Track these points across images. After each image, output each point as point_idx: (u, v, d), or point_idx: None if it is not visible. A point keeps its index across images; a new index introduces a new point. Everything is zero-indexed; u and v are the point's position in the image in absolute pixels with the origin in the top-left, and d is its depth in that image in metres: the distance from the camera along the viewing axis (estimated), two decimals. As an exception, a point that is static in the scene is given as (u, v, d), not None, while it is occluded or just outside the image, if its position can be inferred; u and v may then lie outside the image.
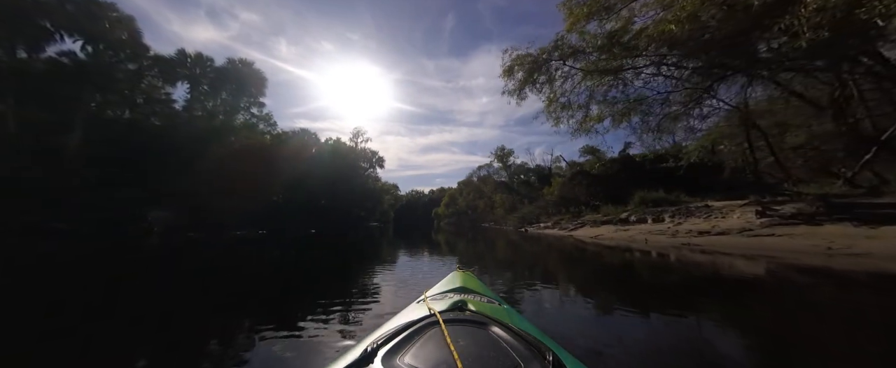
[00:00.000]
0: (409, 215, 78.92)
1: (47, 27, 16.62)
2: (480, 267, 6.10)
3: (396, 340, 0.92)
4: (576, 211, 15.59)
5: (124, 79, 20.51)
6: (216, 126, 23.59)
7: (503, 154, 40.22)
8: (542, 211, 18.26)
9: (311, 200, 34.02)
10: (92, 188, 15.68)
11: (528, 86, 9.30)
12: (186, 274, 5.94)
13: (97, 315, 3.21)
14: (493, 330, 1.00)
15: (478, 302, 1.51)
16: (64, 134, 16.62)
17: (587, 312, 3.12)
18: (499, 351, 0.87)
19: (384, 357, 0.84)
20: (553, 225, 15.17)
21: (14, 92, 15.72)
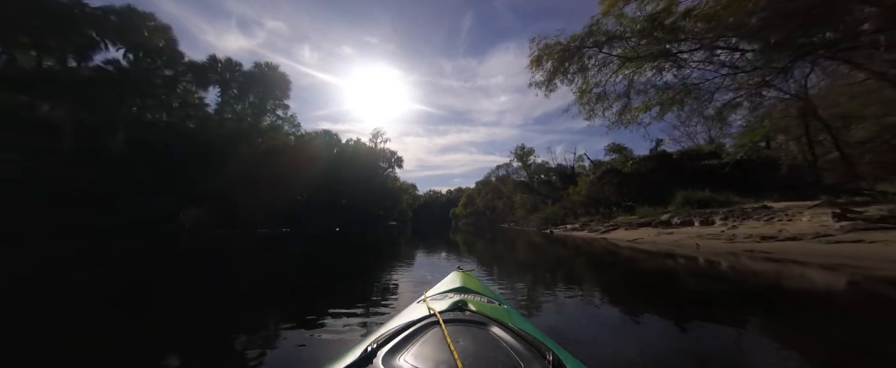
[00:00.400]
0: (426, 215, 79.14)
1: (94, 37, 17.85)
2: (499, 270, 5.75)
3: (397, 340, 0.92)
4: (606, 212, 14.58)
5: (161, 84, 21.75)
6: (244, 128, 24.53)
7: (523, 153, 39.18)
8: (567, 212, 17.29)
9: (332, 199, 34.77)
10: (130, 187, 16.64)
11: (559, 76, 8.65)
12: (216, 269, 6.13)
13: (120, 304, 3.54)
14: (493, 330, 1.00)
15: (478, 302, 1.50)
16: (108, 136, 17.81)
17: (620, 324, 2.77)
18: (499, 351, 0.87)
19: (384, 357, 0.83)
20: (581, 226, 14.30)
21: (67, 98, 17.01)
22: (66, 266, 6.34)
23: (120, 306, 3.53)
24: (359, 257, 8.15)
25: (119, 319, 2.99)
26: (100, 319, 3.00)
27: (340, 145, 38.19)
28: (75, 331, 2.62)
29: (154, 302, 3.71)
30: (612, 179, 15.86)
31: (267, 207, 25.48)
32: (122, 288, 4.50)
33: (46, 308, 3.28)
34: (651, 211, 11.95)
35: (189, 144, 21.01)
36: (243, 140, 24.07)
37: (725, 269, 5.28)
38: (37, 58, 16.65)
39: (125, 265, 6.53)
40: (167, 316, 3.09)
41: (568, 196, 22.03)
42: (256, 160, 24.95)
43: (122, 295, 4.09)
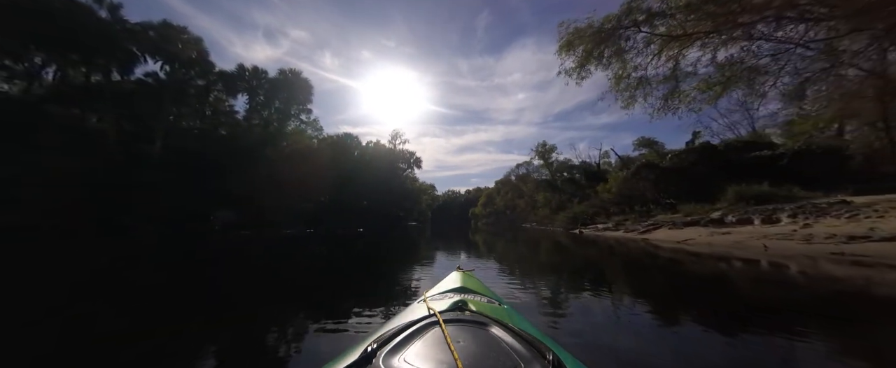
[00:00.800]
0: (445, 215, 78.99)
1: (135, 51, 19.09)
2: (523, 272, 5.21)
3: (397, 340, 0.92)
4: (642, 210, 13.44)
5: (195, 93, 22.99)
6: (271, 132, 25.41)
7: (545, 150, 37.88)
8: (597, 211, 16.17)
9: (353, 200, 35.35)
10: (167, 190, 17.57)
11: (593, 61, 7.80)
12: (242, 267, 6.22)
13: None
14: (493, 330, 0.99)
15: (478, 302, 1.51)
16: (147, 143, 18.98)
17: (657, 332, 2.44)
18: (499, 351, 0.87)
19: (384, 358, 0.83)
20: (615, 226, 13.26)
21: (112, 109, 18.31)
22: (120, 261, 6.83)
23: (134, 302, 3.63)
24: (378, 257, 7.92)
25: (131, 316, 3.07)
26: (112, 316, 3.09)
27: (360, 147, 38.81)
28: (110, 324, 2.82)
29: (172, 299, 3.76)
30: (647, 175, 14.46)
31: (291, 208, 26.21)
32: (138, 287, 4.50)
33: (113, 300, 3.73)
34: (698, 209, 10.80)
35: (220, 149, 22.01)
36: (269, 144, 24.92)
37: (794, 274, 4.49)
38: (86, 73, 18.03)
39: (155, 264, 6.71)
40: (182, 314, 3.14)
41: (596, 194, 20.76)
42: (282, 163, 25.75)
43: (132, 293, 4.12)
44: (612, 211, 14.44)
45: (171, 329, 2.63)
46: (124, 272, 5.72)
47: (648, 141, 32.11)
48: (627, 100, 8.11)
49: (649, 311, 3.00)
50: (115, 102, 18.53)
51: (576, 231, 15.85)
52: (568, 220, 18.14)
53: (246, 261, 7.05)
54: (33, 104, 15.75)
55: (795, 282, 4.14)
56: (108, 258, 7.37)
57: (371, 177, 36.57)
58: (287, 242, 11.80)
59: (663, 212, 12.33)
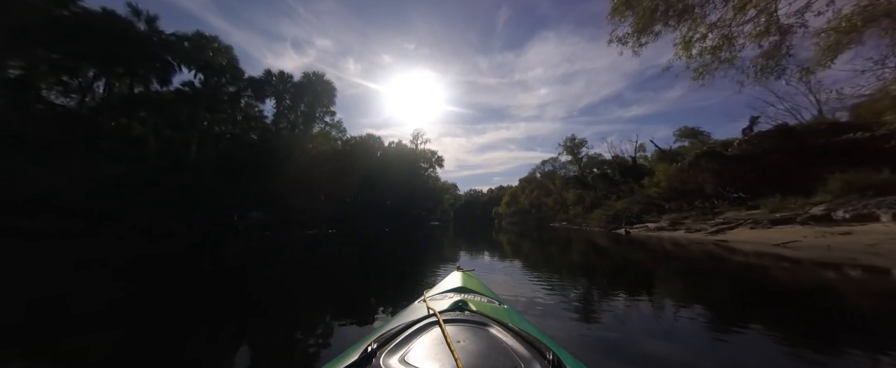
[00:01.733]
0: (468, 214, 78.23)
1: (171, 61, 20.25)
2: (567, 291, 3.85)
3: (397, 340, 0.92)
4: (705, 206, 11.74)
5: (227, 100, 24.11)
6: (297, 135, 26.11)
7: (574, 144, 35.86)
8: (644, 208, 14.46)
9: (377, 201, 35.69)
10: (202, 193, 18.42)
11: (659, 23, 6.35)
12: (261, 269, 6.07)
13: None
14: (493, 330, 0.99)
15: (478, 301, 1.50)
16: (184, 149, 20.07)
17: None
18: (499, 351, 0.87)
19: (384, 357, 0.83)
20: (671, 225, 11.60)
21: (152, 117, 19.55)
22: (153, 258, 7.06)
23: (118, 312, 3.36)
24: (400, 259, 7.41)
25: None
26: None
27: (383, 148, 39.10)
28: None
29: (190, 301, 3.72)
30: (708, 165, 12.50)
31: (317, 209, 26.79)
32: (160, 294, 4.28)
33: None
34: (787, 204, 8.93)
35: (250, 153, 22.90)
36: (296, 147, 25.61)
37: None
38: (129, 84, 19.36)
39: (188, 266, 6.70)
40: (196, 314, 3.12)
41: (640, 189, 18.74)
42: (307, 165, 26.39)
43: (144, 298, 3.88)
44: (668, 207, 12.60)
45: (183, 326, 2.71)
46: (136, 279, 5.64)
47: (692, 130, 29.16)
48: (701, 69, 6.51)
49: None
50: (155, 111, 19.79)
51: (620, 231, 14.05)
52: (608, 219, 16.51)
53: (265, 263, 6.85)
54: (87, 116, 17.14)
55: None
56: (137, 256, 7.59)
57: (394, 178, 36.72)
58: (311, 243, 11.73)
59: (733, 208, 10.54)
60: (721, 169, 11.80)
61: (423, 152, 43.17)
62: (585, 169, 36.65)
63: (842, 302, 3.34)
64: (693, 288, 4.10)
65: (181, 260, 6.96)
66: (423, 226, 34.35)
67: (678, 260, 6.19)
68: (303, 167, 26.14)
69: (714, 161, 12.18)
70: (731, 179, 11.28)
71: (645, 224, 13.11)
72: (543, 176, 51.00)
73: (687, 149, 26.17)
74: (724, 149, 12.73)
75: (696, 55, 6.42)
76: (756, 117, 16.36)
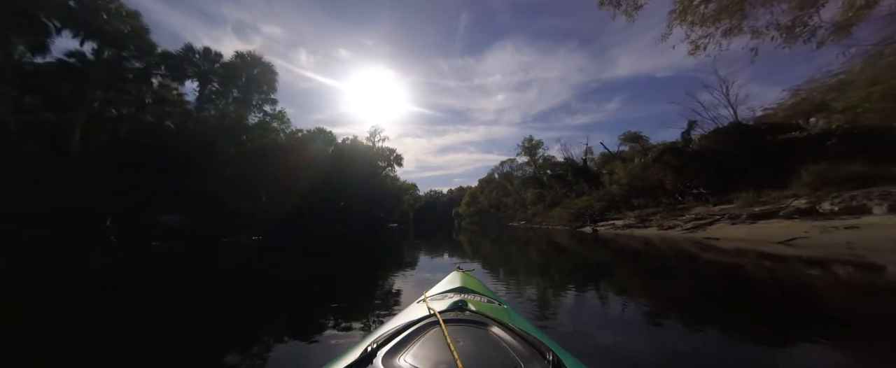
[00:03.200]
0: (428, 215, 77.02)
1: (45, 22, 15.59)
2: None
3: (396, 340, 0.92)
4: (670, 202, 11.88)
5: (132, 78, 19.53)
6: (227, 125, 22.27)
7: (531, 145, 36.87)
8: (606, 205, 14.55)
9: (330, 202, 32.57)
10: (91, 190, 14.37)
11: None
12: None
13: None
14: (493, 330, 0.99)
15: (478, 301, 1.50)
16: (67, 134, 15.56)
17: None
18: (499, 351, 0.87)
19: (384, 357, 0.83)
20: (640, 221, 11.39)
21: (15, 93, 14.78)
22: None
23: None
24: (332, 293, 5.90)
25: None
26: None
27: (336, 144, 35.98)
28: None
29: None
30: (671, 160, 12.87)
31: (260, 211, 23.31)
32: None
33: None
34: (762, 198, 8.82)
35: (163, 144, 18.77)
36: (227, 138, 21.83)
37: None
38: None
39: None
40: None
41: (600, 186, 19.05)
42: (242, 160, 22.72)
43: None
44: (637, 203, 12.58)
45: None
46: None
47: (634, 135, 31.78)
48: (700, 41, 5.95)
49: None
50: (20, 86, 15.01)
51: (586, 229, 13.34)
52: (570, 217, 16.44)
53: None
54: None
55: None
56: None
57: (349, 177, 33.93)
58: (197, 262, 7.91)
59: (698, 204, 10.68)
60: (681, 165, 12.31)
61: (381, 150, 40.85)
62: (541, 169, 38.00)
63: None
64: (726, 308, 3.08)
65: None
66: (380, 229, 32.25)
67: (673, 264, 5.47)
68: (235, 162, 22.43)
69: (675, 157, 12.67)
70: (691, 175, 11.78)
71: (610, 221, 12.96)
72: (502, 176, 52.15)
73: (629, 154, 28.47)
74: (686, 146, 13.32)
75: (700, 23, 5.95)
76: (693, 122, 17.96)
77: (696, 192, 11.33)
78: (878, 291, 3.47)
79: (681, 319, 2.65)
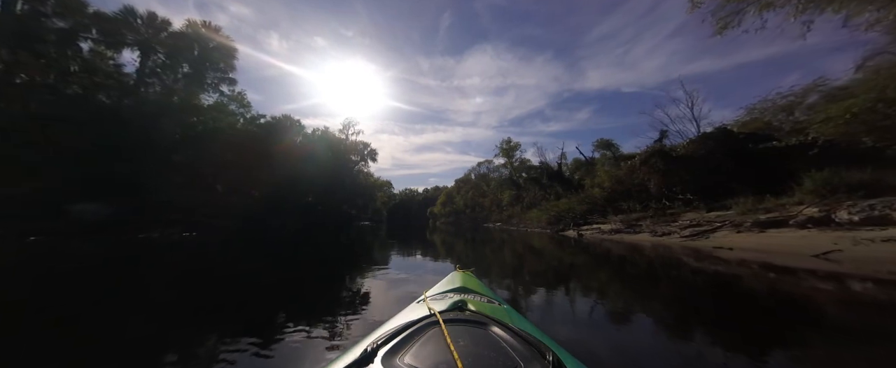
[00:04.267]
0: (402, 214, 75.33)
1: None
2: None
3: (396, 340, 0.91)
4: (659, 207, 11.42)
5: (54, 40, 16.40)
6: (174, 104, 19.53)
7: (509, 147, 36.78)
8: (588, 209, 14.15)
9: (296, 195, 30.18)
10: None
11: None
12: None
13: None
14: (493, 330, 0.99)
15: (478, 301, 1.49)
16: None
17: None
18: (499, 351, 0.87)
19: (384, 357, 0.83)
20: (627, 226, 10.83)
21: None
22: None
23: None
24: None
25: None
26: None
27: (305, 134, 33.54)
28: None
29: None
30: (657, 165, 12.54)
31: (212, 203, 20.79)
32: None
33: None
34: (769, 204, 8.31)
35: (90, 119, 15.93)
36: (172, 118, 19.13)
37: None
38: None
39: None
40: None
41: (578, 190, 18.76)
42: (190, 144, 20.10)
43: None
44: (627, 207, 12.19)
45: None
46: None
47: (607, 142, 32.74)
48: (723, 22, 5.62)
49: None
50: None
51: (569, 233, 12.57)
52: (551, 220, 15.91)
53: None
54: None
55: None
56: None
57: (318, 169, 31.70)
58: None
59: (686, 210, 10.41)
60: (668, 169, 12.22)
61: (354, 143, 38.80)
62: (517, 172, 38.12)
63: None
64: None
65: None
66: (352, 226, 30.42)
67: (700, 281, 4.36)
68: (182, 146, 19.81)
69: (663, 160, 12.55)
70: (677, 180, 11.69)
71: (594, 226, 12.47)
72: (478, 177, 51.99)
73: (599, 161, 29.20)
74: (672, 151, 13.22)
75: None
76: (665, 131, 18.47)
77: (683, 198, 11.22)
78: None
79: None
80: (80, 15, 17.08)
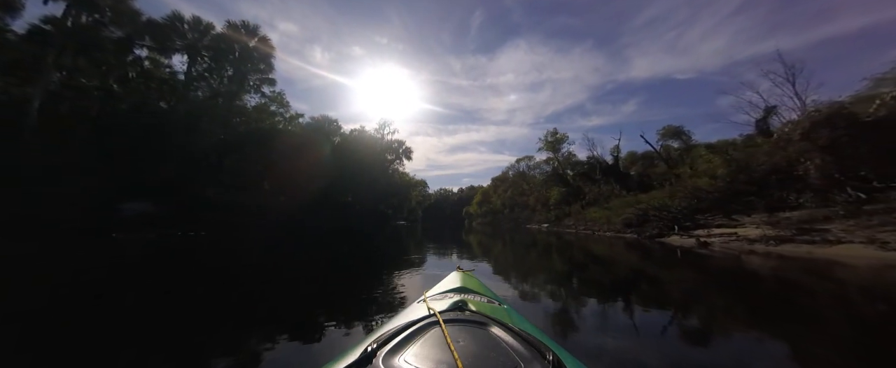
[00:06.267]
0: (437, 214, 74.36)
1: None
2: None
3: (397, 340, 0.91)
4: (853, 199, 7.08)
5: (112, 48, 17.29)
6: (221, 106, 19.86)
7: (555, 139, 33.29)
8: (691, 206, 10.23)
9: (334, 195, 30.11)
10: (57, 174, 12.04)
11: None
12: None
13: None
14: (493, 330, 0.99)
15: (478, 302, 1.50)
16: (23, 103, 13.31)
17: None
18: (499, 351, 0.87)
19: (384, 357, 0.83)
20: (799, 231, 6.81)
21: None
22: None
23: None
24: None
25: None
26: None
27: (342, 134, 33.48)
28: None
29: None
30: (820, 138, 7.88)
31: (251, 202, 20.96)
32: None
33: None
34: None
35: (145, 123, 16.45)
36: (215, 118, 19.42)
37: None
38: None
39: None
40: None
41: (678, 179, 14.10)
42: (234, 145, 20.34)
43: None
44: (762, 203, 8.21)
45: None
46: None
47: (676, 130, 27.90)
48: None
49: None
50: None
51: (674, 239, 8.88)
52: (629, 221, 12.30)
53: None
54: None
55: None
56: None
57: (354, 169, 31.36)
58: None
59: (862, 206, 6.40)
60: (846, 141, 7.11)
61: (390, 143, 38.15)
62: (563, 167, 34.49)
63: None
64: None
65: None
66: (387, 226, 29.59)
67: None
68: (228, 147, 20.07)
69: (838, 130, 7.56)
70: (857, 158, 7.16)
71: (715, 230, 8.50)
72: (517, 175, 48.82)
73: (666, 149, 24.45)
74: (864, 112, 6.85)
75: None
76: (772, 107, 14.32)
77: (872, 187, 6.78)
78: None
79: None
80: (134, 24, 17.89)
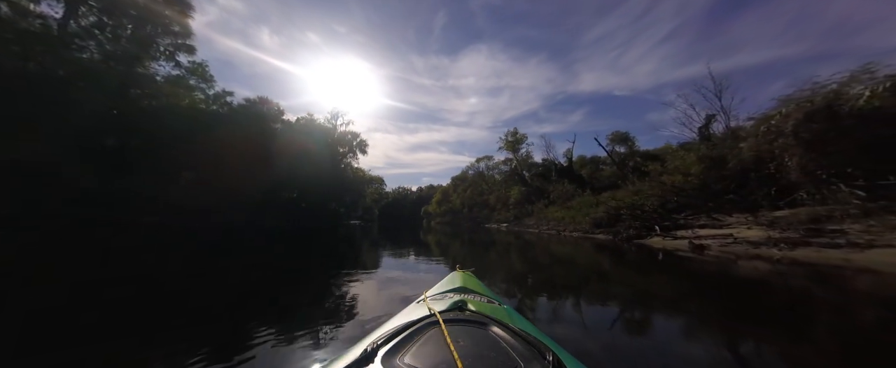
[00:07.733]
0: (395, 213, 71.72)
1: None
2: None
3: (396, 340, 0.90)
4: (851, 193, 6.79)
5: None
6: (111, 71, 15.65)
7: (515, 139, 33.56)
8: (661, 204, 9.99)
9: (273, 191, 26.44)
10: None
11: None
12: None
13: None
14: (493, 330, 0.98)
15: (478, 302, 1.49)
16: None
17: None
18: (499, 351, 0.86)
19: (384, 357, 0.82)
20: (808, 232, 6.52)
21: None
22: None
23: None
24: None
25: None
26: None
27: (284, 121, 29.76)
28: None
29: None
30: (804, 131, 7.60)
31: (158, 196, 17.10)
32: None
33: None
34: None
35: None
36: (109, 91, 15.28)
37: None
38: None
39: None
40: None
41: (651, 175, 14.24)
42: (137, 124, 16.28)
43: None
44: (749, 200, 7.78)
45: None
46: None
47: (623, 135, 29.95)
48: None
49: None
50: None
51: (655, 241, 8.43)
52: (598, 221, 11.60)
53: None
54: None
55: None
56: None
57: (300, 162, 27.98)
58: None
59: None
60: (823, 135, 7.05)
61: (343, 134, 35.10)
62: (522, 167, 35.07)
63: None
64: None
65: None
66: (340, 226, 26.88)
67: None
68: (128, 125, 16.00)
69: (823, 122, 6.73)
70: (839, 154, 7.05)
71: (692, 230, 8.16)
72: (476, 175, 48.94)
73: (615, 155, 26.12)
74: (856, 102, 7.18)
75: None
76: (712, 115, 15.51)
77: (856, 185, 6.83)
78: None
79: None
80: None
